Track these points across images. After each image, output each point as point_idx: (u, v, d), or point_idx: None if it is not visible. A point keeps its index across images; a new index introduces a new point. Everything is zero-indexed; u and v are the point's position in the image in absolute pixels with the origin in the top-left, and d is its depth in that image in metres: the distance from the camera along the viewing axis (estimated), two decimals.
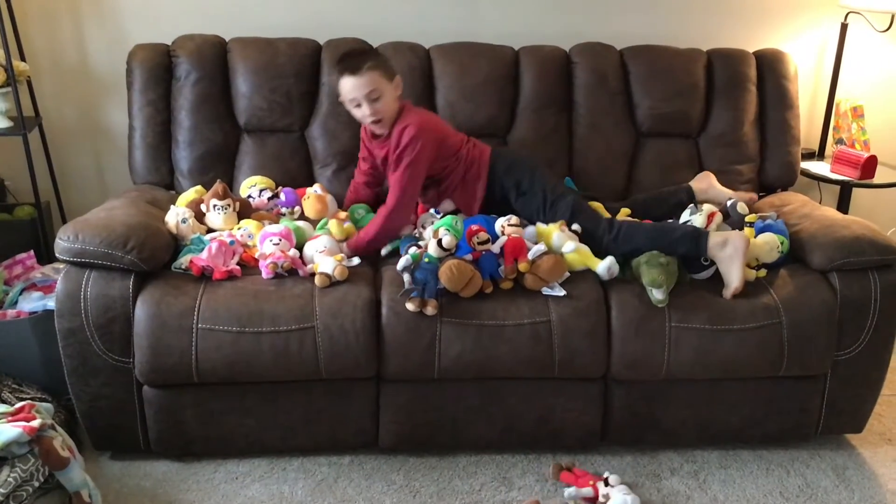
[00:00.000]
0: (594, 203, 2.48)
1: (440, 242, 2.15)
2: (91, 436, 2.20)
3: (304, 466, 2.24)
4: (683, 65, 2.79)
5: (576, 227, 2.29)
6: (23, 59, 2.79)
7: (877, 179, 2.93)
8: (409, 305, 2.07)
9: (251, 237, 2.29)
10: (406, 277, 2.13)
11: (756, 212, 2.50)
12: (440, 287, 2.09)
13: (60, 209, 3.00)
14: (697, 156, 2.82)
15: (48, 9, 2.85)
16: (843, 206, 3.03)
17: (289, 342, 2.05)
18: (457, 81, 2.70)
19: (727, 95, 2.79)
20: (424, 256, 2.14)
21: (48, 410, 1.99)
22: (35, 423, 1.82)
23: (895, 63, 3.14)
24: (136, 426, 2.17)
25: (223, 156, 2.67)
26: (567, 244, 2.21)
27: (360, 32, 2.67)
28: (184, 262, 2.18)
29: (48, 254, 2.67)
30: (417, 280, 2.10)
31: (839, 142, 3.10)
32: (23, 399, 2.14)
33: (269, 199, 2.53)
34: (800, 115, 2.86)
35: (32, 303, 2.33)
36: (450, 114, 2.66)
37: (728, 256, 2.18)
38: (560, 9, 2.98)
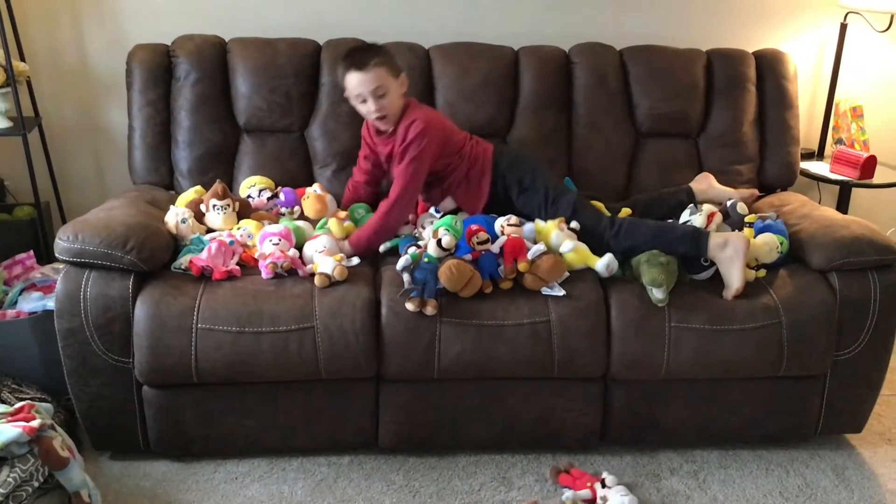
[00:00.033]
0: (595, 203, 2.47)
1: (440, 242, 2.15)
2: (91, 436, 2.20)
3: (304, 466, 2.24)
4: (683, 65, 2.79)
5: (574, 225, 2.29)
6: (22, 60, 2.79)
7: (876, 179, 2.93)
8: (409, 305, 2.07)
9: (251, 237, 2.29)
10: (406, 277, 2.13)
11: (755, 212, 2.50)
12: (440, 287, 2.09)
13: (60, 209, 3.00)
14: (697, 156, 2.82)
15: (48, 9, 2.85)
16: (843, 206, 3.03)
17: (288, 342, 2.05)
18: (456, 81, 2.70)
19: (727, 95, 2.79)
20: (424, 256, 2.14)
21: (48, 410, 1.99)
22: (35, 423, 1.82)
23: (894, 63, 3.14)
24: (136, 426, 2.17)
25: (223, 156, 2.67)
26: (565, 244, 2.21)
27: (360, 32, 2.67)
28: (183, 263, 2.18)
29: (48, 254, 2.67)
30: (417, 280, 2.10)
31: (838, 142, 3.09)
32: (22, 399, 2.14)
33: (269, 199, 2.53)
34: (799, 116, 2.86)
35: (32, 303, 2.33)
36: (449, 114, 2.65)
37: (728, 257, 2.18)
38: (560, 9, 2.98)
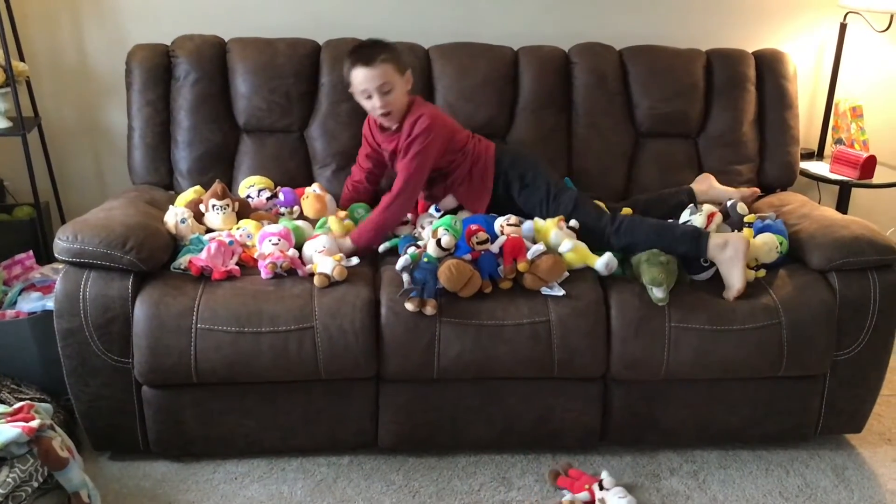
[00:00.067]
0: (596, 202, 2.47)
1: (439, 242, 2.15)
2: (90, 436, 2.20)
3: (304, 467, 2.24)
4: (683, 65, 2.79)
5: (573, 224, 2.29)
6: (22, 60, 2.79)
7: (876, 179, 2.93)
8: (409, 305, 2.07)
9: (250, 237, 2.29)
10: (405, 277, 2.13)
11: (755, 212, 2.50)
12: (439, 287, 2.09)
13: (59, 209, 3.00)
14: (697, 156, 2.82)
15: (47, 9, 2.85)
16: (843, 206, 3.03)
17: (288, 342, 2.05)
18: (456, 82, 2.70)
19: (726, 95, 2.79)
20: (423, 256, 2.14)
21: (47, 411, 1.99)
22: (34, 424, 1.82)
23: (894, 63, 3.14)
24: (136, 426, 2.17)
25: (222, 156, 2.67)
26: (564, 243, 2.21)
27: (360, 32, 2.67)
28: (183, 263, 2.17)
29: (47, 254, 2.67)
30: (416, 280, 2.10)
31: (838, 142, 3.09)
32: (22, 399, 2.14)
33: (268, 199, 2.53)
34: (799, 115, 2.86)
35: (31, 303, 2.33)
36: (449, 114, 2.63)
37: (728, 258, 2.18)
38: (559, 9, 2.98)
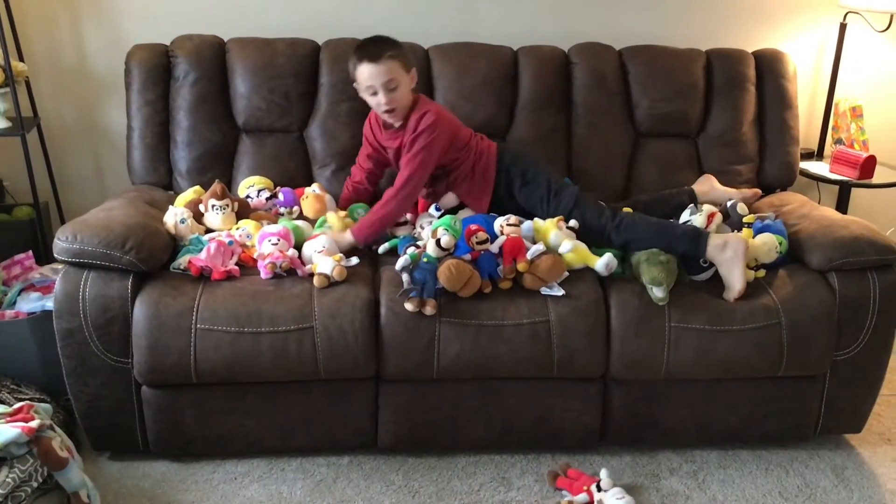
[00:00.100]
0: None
1: (439, 242, 2.15)
2: (90, 436, 2.20)
3: (303, 467, 2.24)
4: (682, 65, 2.79)
5: (573, 224, 2.29)
6: (21, 60, 2.79)
7: (876, 179, 2.93)
8: (408, 305, 2.07)
9: (249, 237, 2.29)
10: (405, 277, 2.13)
11: (756, 212, 2.50)
12: (439, 287, 2.09)
13: (59, 209, 3.00)
14: (696, 156, 2.82)
15: (47, 9, 2.85)
16: (842, 206, 3.03)
17: (287, 342, 2.05)
18: (455, 82, 2.70)
19: (726, 95, 2.79)
20: (423, 256, 2.14)
21: (47, 411, 1.99)
22: (34, 424, 1.82)
23: (894, 63, 3.14)
24: (135, 426, 2.17)
25: (222, 156, 2.67)
26: (564, 244, 2.21)
27: (359, 32, 2.66)
28: (182, 263, 2.17)
29: (47, 254, 2.67)
30: (416, 280, 2.10)
31: (838, 142, 3.09)
32: (21, 399, 2.14)
33: (268, 200, 2.53)
34: (799, 115, 2.86)
35: (31, 303, 2.33)
36: None
37: (728, 259, 2.18)
38: (559, 9, 2.98)
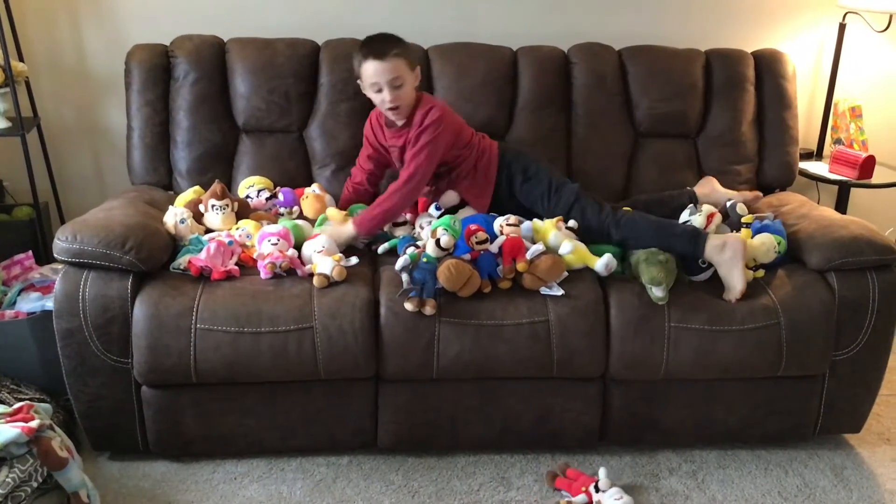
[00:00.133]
0: None
1: (438, 242, 2.15)
2: (89, 436, 2.20)
3: (303, 467, 2.24)
4: (682, 65, 2.79)
5: (572, 224, 2.30)
6: (21, 60, 2.79)
7: (875, 179, 2.94)
8: (408, 305, 2.07)
9: (249, 237, 2.29)
10: (404, 277, 2.13)
11: (755, 212, 2.50)
12: (438, 287, 2.09)
13: (59, 210, 3.00)
14: (696, 156, 2.82)
15: (46, 9, 2.85)
16: (842, 207, 3.03)
17: (287, 342, 2.05)
18: (455, 82, 2.70)
19: (725, 96, 2.79)
20: (423, 256, 2.14)
21: (47, 411, 1.99)
22: (34, 424, 1.82)
23: (893, 63, 3.14)
24: (135, 426, 2.17)
25: (221, 156, 2.67)
26: (564, 245, 2.21)
27: (359, 32, 2.66)
28: (182, 263, 2.17)
29: (46, 254, 2.68)
30: (416, 280, 2.10)
31: (837, 142, 3.10)
32: (21, 399, 2.14)
33: (268, 200, 2.53)
34: (798, 115, 2.86)
35: (31, 303, 2.33)
36: None
37: (727, 260, 2.18)
38: (558, 9, 2.99)
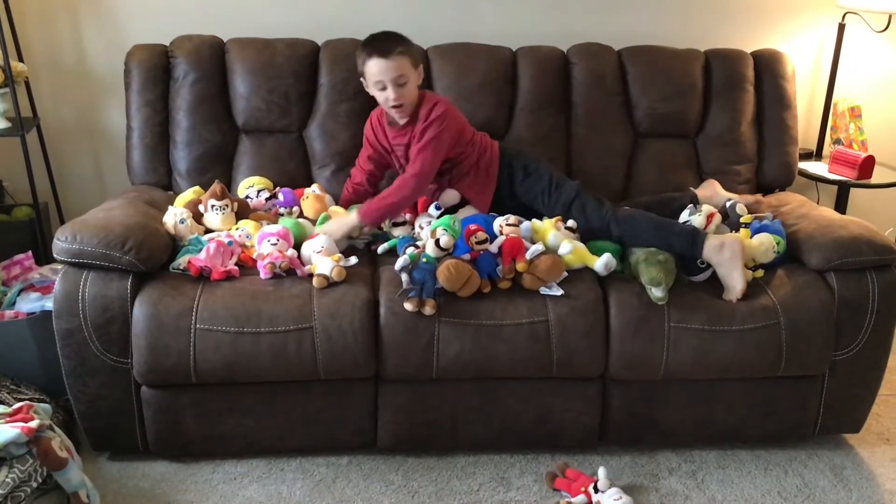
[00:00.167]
0: None
1: (438, 242, 2.15)
2: (89, 436, 2.20)
3: (303, 467, 2.24)
4: (681, 65, 2.79)
5: (571, 224, 2.30)
6: (21, 60, 2.79)
7: (874, 179, 2.94)
8: (408, 305, 2.07)
9: (249, 237, 2.29)
10: (404, 277, 2.13)
11: (753, 212, 2.50)
12: (438, 287, 2.09)
13: (59, 210, 3.00)
14: (695, 156, 2.82)
15: (46, 9, 2.85)
16: (841, 207, 3.03)
17: (287, 342, 2.05)
18: (455, 82, 2.70)
19: (725, 96, 2.79)
20: (422, 256, 2.14)
21: (46, 411, 1.99)
22: (33, 424, 1.82)
23: (893, 63, 3.14)
24: (135, 427, 2.17)
25: (221, 156, 2.67)
26: (563, 245, 2.21)
27: (358, 33, 2.66)
28: (182, 263, 2.18)
29: (46, 254, 2.67)
30: (415, 280, 2.10)
31: (837, 142, 3.10)
32: (21, 400, 2.14)
33: (267, 200, 2.53)
34: (797, 116, 2.86)
35: (30, 303, 2.33)
36: None
37: (726, 260, 2.18)
38: (558, 9, 2.99)
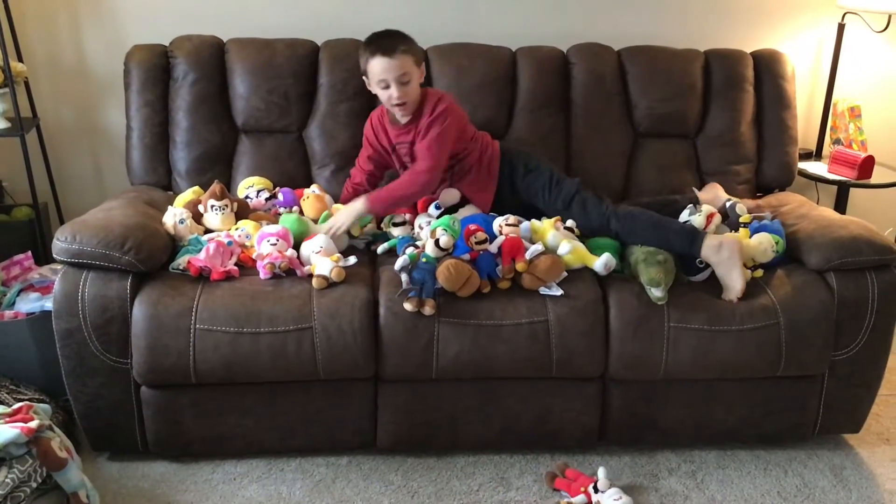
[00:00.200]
0: None
1: (438, 242, 2.15)
2: (89, 436, 2.20)
3: (302, 467, 2.24)
4: (681, 65, 2.79)
5: (570, 224, 2.30)
6: (20, 60, 2.79)
7: (874, 179, 2.94)
8: (407, 305, 2.07)
9: (249, 237, 2.29)
10: (404, 277, 2.13)
11: (752, 212, 2.50)
12: (438, 287, 2.09)
13: (58, 210, 3.00)
14: (695, 156, 2.82)
15: (46, 10, 2.85)
16: (841, 207, 3.03)
17: (286, 343, 2.05)
18: (454, 82, 2.70)
19: (724, 96, 2.79)
20: (422, 256, 2.14)
21: (46, 411, 1.99)
22: (33, 424, 1.82)
23: (892, 63, 3.14)
24: (134, 427, 2.17)
25: (221, 156, 2.67)
26: (562, 245, 2.21)
27: (358, 33, 2.66)
28: (181, 263, 2.18)
29: (46, 255, 2.67)
30: (415, 280, 2.10)
31: (836, 142, 3.10)
32: (21, 400, 2.14)
33: (267, 200, 2.53)
34: (797, 116, 2.86)
35: (30, 304, 2.33)
36: None
37: (725, 260, 2.18)
38: (558, 9, 2.99)
